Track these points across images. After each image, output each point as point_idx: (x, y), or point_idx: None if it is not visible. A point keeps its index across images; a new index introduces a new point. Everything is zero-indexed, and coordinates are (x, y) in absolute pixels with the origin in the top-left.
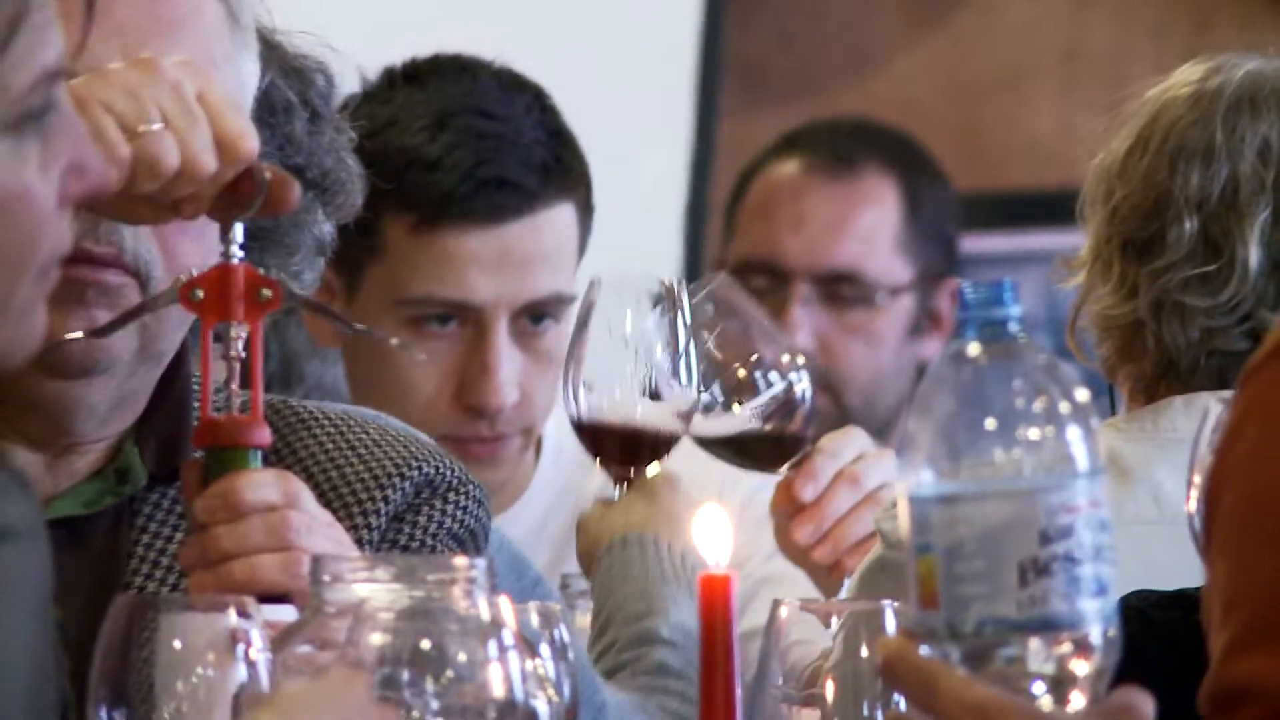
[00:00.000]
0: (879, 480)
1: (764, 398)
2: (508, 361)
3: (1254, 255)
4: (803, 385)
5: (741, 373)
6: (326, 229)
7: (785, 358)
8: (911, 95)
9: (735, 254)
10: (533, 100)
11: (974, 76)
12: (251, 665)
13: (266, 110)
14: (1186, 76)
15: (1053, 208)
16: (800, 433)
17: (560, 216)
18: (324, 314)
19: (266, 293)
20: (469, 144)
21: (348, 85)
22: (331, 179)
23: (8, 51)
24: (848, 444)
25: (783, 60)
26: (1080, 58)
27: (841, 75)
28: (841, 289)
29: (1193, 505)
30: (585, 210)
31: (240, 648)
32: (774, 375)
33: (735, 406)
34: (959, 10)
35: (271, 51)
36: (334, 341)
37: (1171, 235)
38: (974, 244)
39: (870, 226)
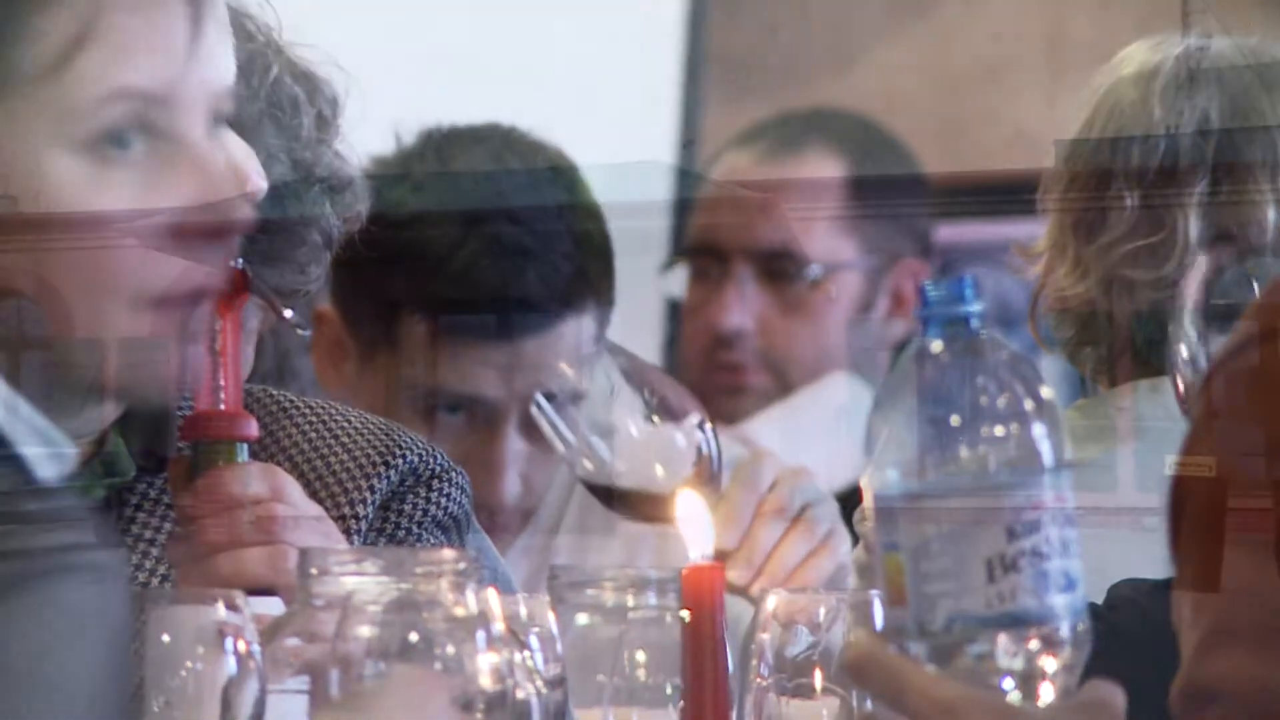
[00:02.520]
0: (801, 501)
1: (673, 452)
2: (513, 461)
3: (1194, 226)
4: (708, 436)
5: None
6: (335, 225)
7: (689, 411)
8: (896, 87)
9: (684, 241)
10: (564, 195)
11: (958, 68)
12: (240, 658)
13: (275, 105)
14: (1131, 55)
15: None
16: (712, 483)
17: (578, 327)
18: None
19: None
20: (495, 259)
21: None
22: (339, 177)
23: (69, 67)
24: (762, 471)
25: (767, 53)
26: (1064, 48)
27: (826, 68)
28: (776, 266)
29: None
30: (605, 310)
31: (229, 640)
32: (678, 433)
33: (657, 467)
34: (943, 1)
35: (279, 56)
36: (338, 385)
37: (1115, 211)
38: (959, 234)
39: (805, 204)
